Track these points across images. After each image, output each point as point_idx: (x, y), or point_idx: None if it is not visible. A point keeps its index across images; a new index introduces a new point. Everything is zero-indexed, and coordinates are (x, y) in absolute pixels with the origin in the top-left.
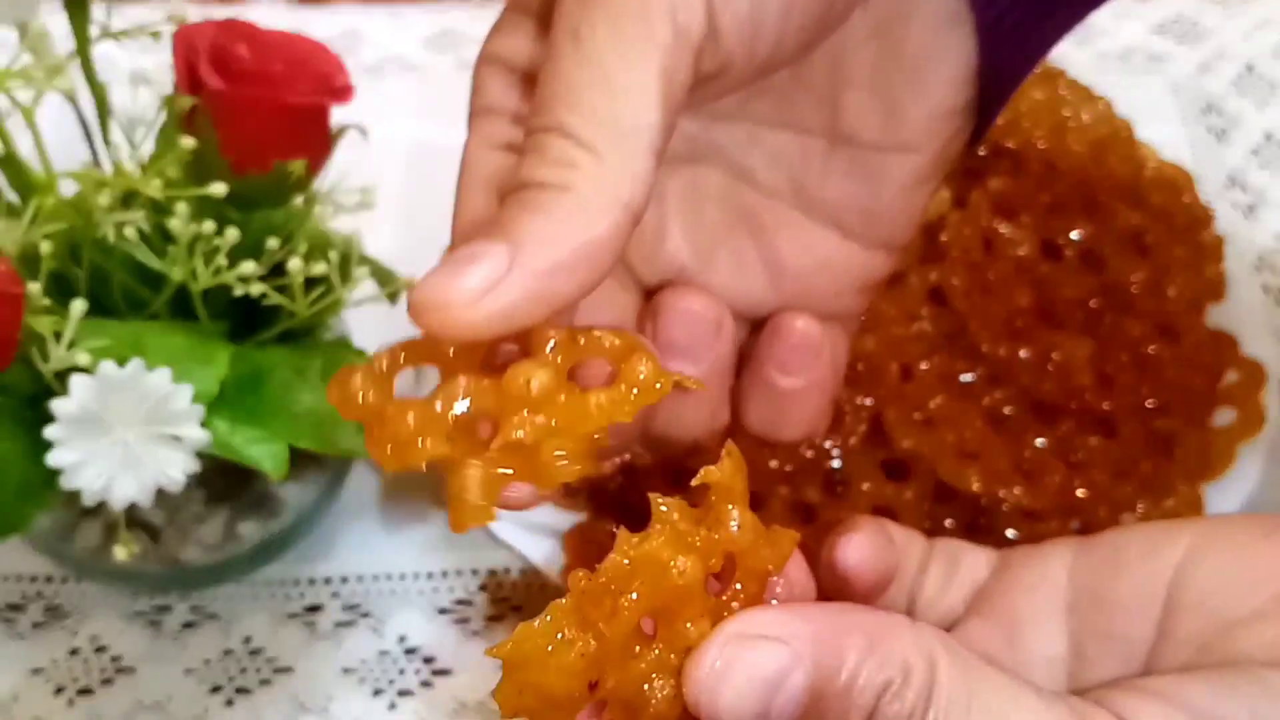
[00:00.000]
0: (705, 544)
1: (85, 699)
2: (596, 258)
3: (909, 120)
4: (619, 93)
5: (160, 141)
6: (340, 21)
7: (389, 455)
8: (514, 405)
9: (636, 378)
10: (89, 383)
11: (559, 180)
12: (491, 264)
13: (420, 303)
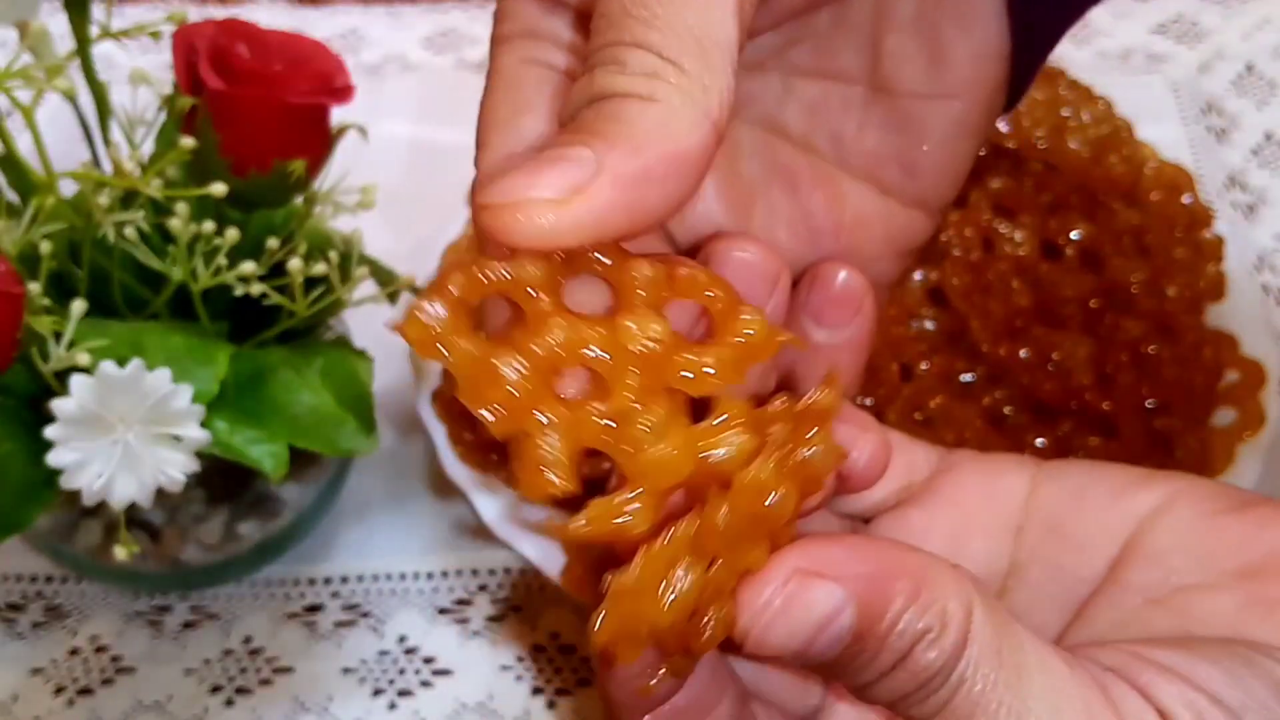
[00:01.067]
0: (795, 471)
1: (85, 699)
2: (686, 172)
3: (953, 63)
4: (696, 7)
5: (160, 141)
6: (340, 21)
7: (499, 420)
8: (626, 361)
9: (743, 333)
10: (89, 383)
11: (644, 91)
12: (579, 166)
13: (495, 201)
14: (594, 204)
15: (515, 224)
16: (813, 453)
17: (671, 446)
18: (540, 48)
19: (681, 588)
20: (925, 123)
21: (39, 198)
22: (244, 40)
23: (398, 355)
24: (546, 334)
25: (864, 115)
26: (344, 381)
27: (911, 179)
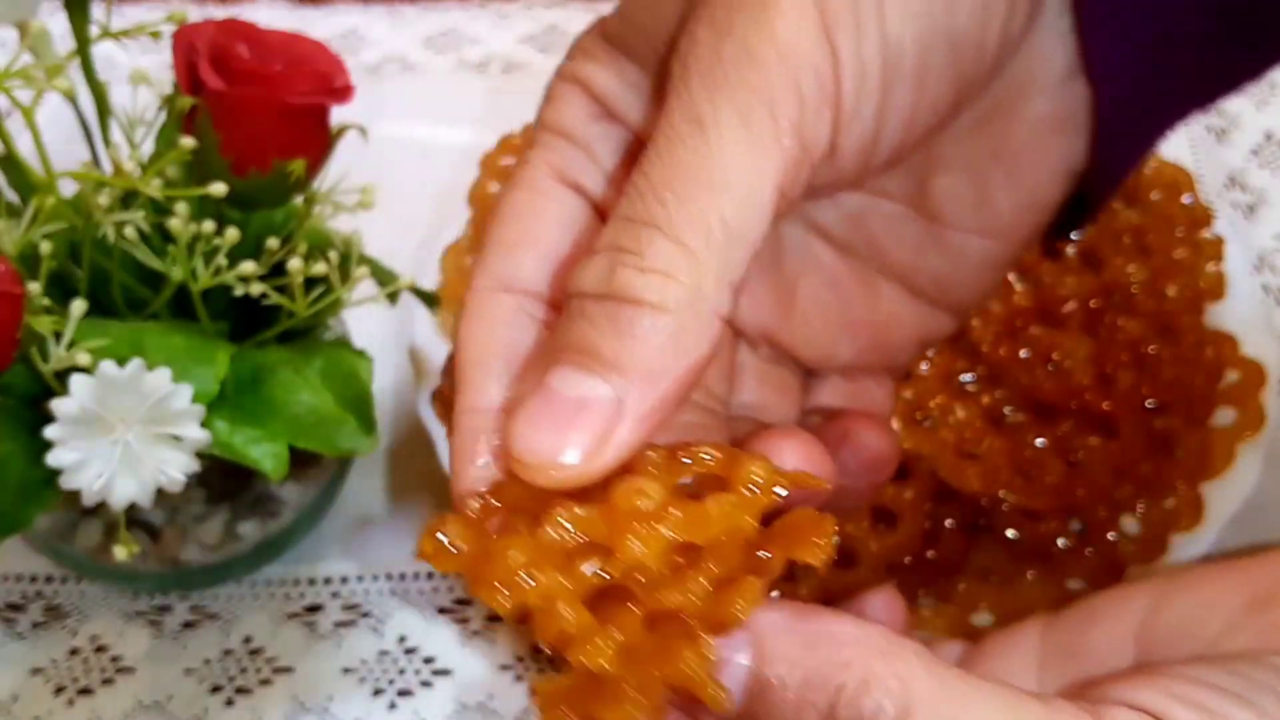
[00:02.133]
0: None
1: (85, 699)
2: (697, 377)
3: (997, 210)
4: (734, 199)
5: (160, 141)
6: (340, 21)
7: (499, 597)
8: (626, 524)
9: (750, 480)
10: (89, 383)
11: (655, 298)
12: (602, 415)
13: (526, 462)
14: (618, 449)
15: (549, 479)
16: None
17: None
18: (567, 152)
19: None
20: (962, 250)
21: (39, 198)
22: (244, 40)
23: (398, 355)
24: (551, 516)
25: (902, 231)
26: (344, 381)
27: (941, 291)
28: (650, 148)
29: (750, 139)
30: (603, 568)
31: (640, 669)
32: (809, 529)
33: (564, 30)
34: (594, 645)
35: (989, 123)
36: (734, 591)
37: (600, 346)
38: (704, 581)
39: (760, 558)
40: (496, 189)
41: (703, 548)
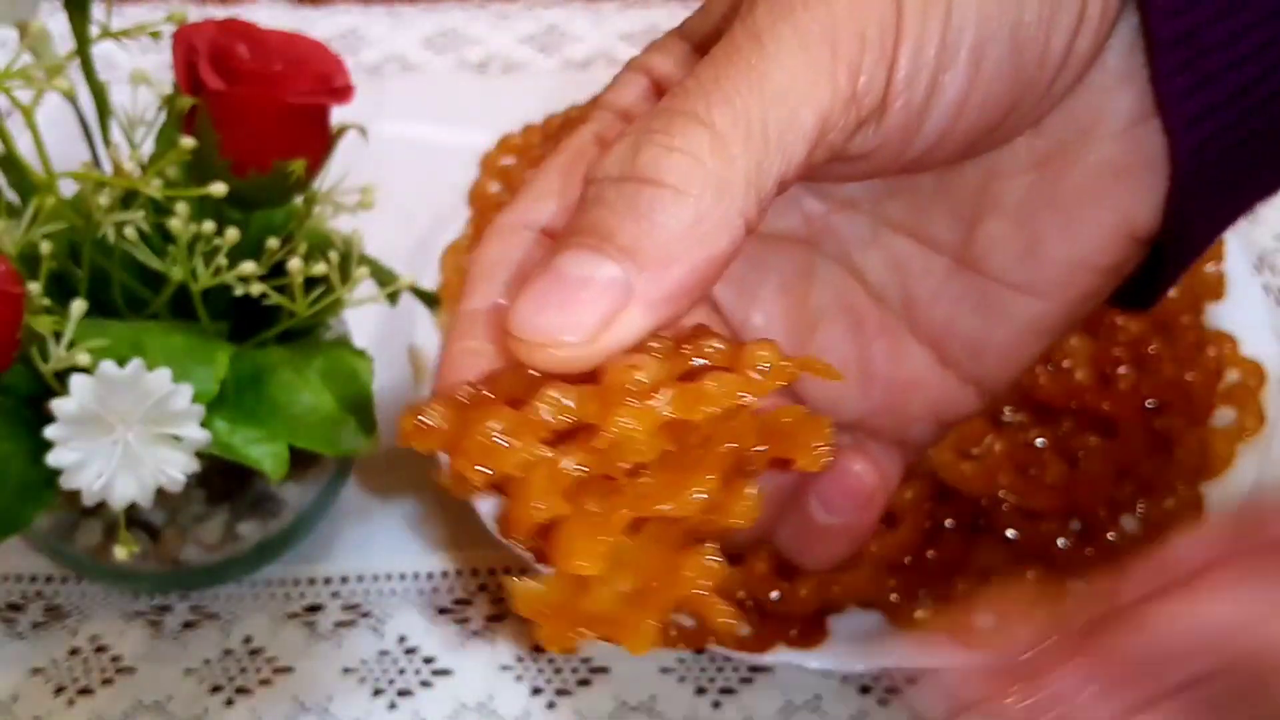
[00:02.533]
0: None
1: (85, 699)
2: (712, 276)
3: (1046, 263)
4: (779, 109)
5: (160, 141)
6: (340, 21)
7: (473, 468)
8: (619, 400)
9: (757, 361)
10: (89, 382)
11: (678, 180)
12: (609, 294)
13: (526, 339)
14: (624, 333)
15: (548, 360)
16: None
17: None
18: (619, 126)
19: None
20: (1003, 311)
21: (39, 198)
22: (244, 40)
23: (398, 355)
24: (541, 392)
25: (943, 285)
26: (344, 381)
27: (974, 360)
28: (702, 61)
29: (806, 63)
30: (585, 459)
31: (638, 575)
32: (806, 430)
33: (564, 30)
34: (579, 548)
35: (1047, 163)
36: (731, 497)
37: (614, 228)
38: (699, 486)
39: (751, 453)
40: (496, 189)
41: (698, 429)
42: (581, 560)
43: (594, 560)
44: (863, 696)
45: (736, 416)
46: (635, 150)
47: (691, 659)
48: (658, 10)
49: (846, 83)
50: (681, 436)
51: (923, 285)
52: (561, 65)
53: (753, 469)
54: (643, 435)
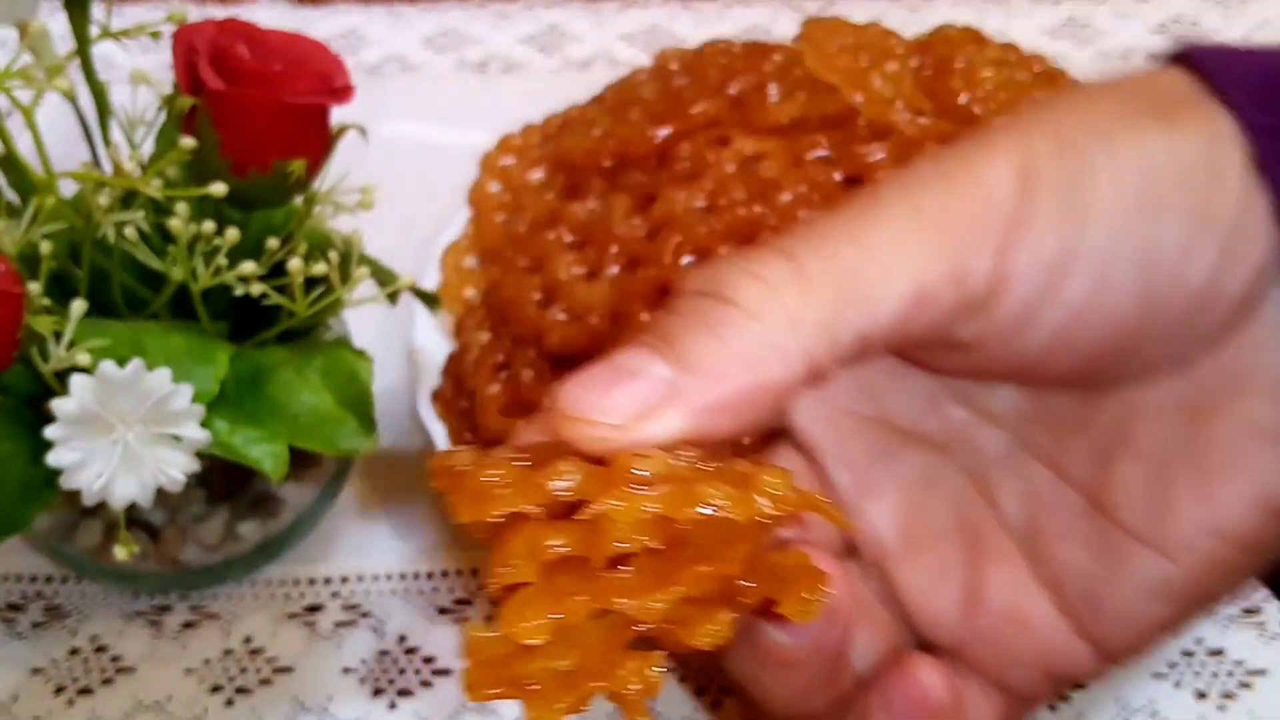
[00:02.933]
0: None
1: (85, 699)
2: (763, 404)
3: (1177, 522)
4: (872, 264)
5: (160, 141)
6: (340, 21)
7: (464, 507)
8: (616, 485)
9: (764, 487)
10: (89, 382)
11: (750, 303)
12: (651, 387)
13: (566, 411)
14: (659, 429)
15: (579, 435)
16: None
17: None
18: None
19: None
20: (1128, 565)
21: (39, 198)
22: (244, 40)
23: (398, 355)
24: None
25: (1072, 524)
26: (344, 381)
27: (1092, 613)
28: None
29: (913, 230)
30: (570, 539)
31: (579, 657)
32: (802, 578)
33: (564, 30)
34: (529, 615)
35: (1191, 411)
36: (703, 618)
37: (677, 334)
38: (663, 596)
39: (739, 586)
40: (496, 189)
41: (693, 541)
42: (526, 626)
43: (537, 632)
44: None
45: (733, 541)
46: (721, 270)
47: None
48: (657, 10)
49: (952, 260)
50: (674, 543)
51: (1052, 519)
52: (561, 65)
53: (740, 601)
54: (625, 520)
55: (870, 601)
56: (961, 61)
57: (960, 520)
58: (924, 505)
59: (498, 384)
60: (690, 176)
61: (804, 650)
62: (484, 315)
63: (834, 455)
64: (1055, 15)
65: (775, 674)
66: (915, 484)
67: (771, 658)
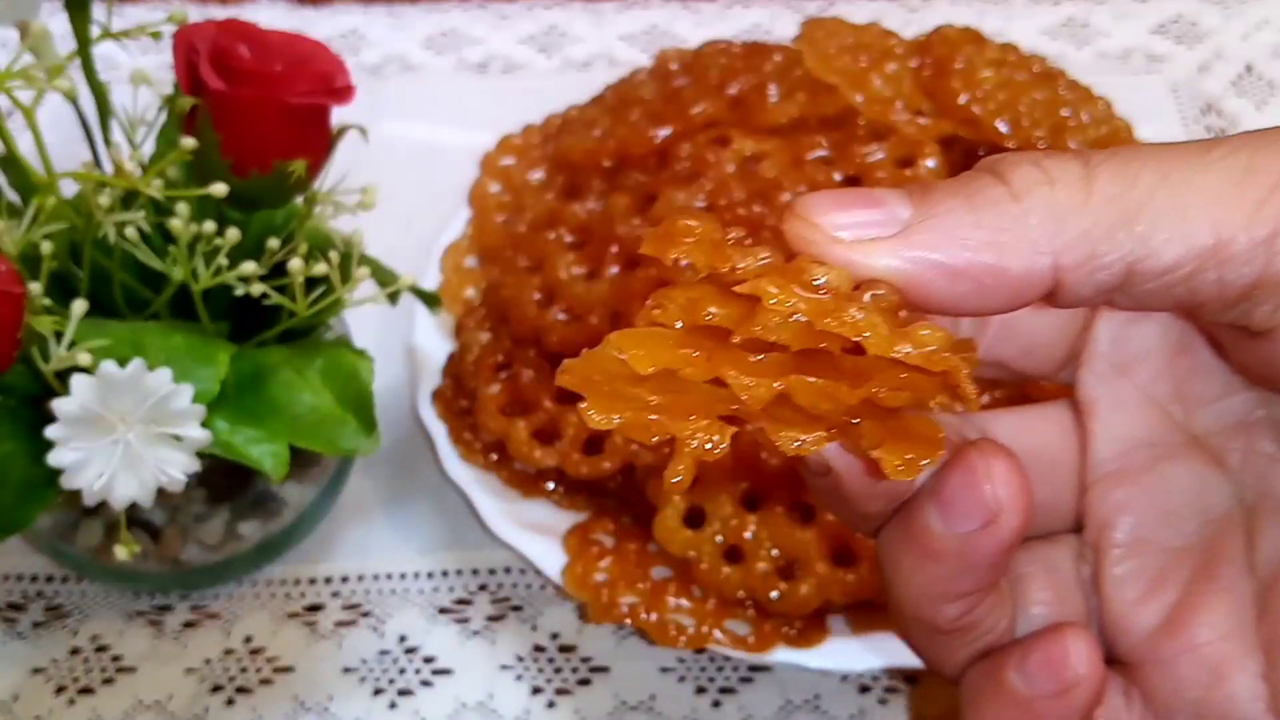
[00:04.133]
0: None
1: (86, 698)
2: (988, 288)
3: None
4: (1170, 192)
5: (161, 142)
6: (340, 22)
7: (656, 237)
8: (788, 280)
9: (914, 334)
10: (90, 382)
11: (1020, 185)
12: (886, 220)
13: (797, 210)
14: (870, 261)
15: (798, 234)
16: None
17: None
18: None
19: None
20: None
21: (40, 198)
22: (244, 40)
23: (398, 355)
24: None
25: None
26: (344, 381)
27: None
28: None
29: (1236, 182)
30: (725, 314)
31: (669, 401)
32: (920, 443)
33: (564, 30)
34: (646, 346)
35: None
36: (798, 426)
37: (935, 189)
38: (779, 384)
39: (847, 417)
40: (496, 189)
41: (824, 356)
42: (636, 353)
43: (641, 361)
44: (862, 696)
45: (865, 372)
46: (1010, 154)
47: (691, 658)
48: (657, 10)
49: (1267, 222)
50: (813, 355)
51: None
52: (561, 65)
53: (846, 431)
54: (777, 310)
55: (1069, 581)
56: (961, 62)
57: (1204, 541)
58: (1174, 510)
59: (498, 384)
60: (690, 176)
61: (952, 543)
62: (484, 315)
63: (1105, 427)
64: (1054, 15)
65: (916, 562)
66: (1176, 487)
67: (917, 542)
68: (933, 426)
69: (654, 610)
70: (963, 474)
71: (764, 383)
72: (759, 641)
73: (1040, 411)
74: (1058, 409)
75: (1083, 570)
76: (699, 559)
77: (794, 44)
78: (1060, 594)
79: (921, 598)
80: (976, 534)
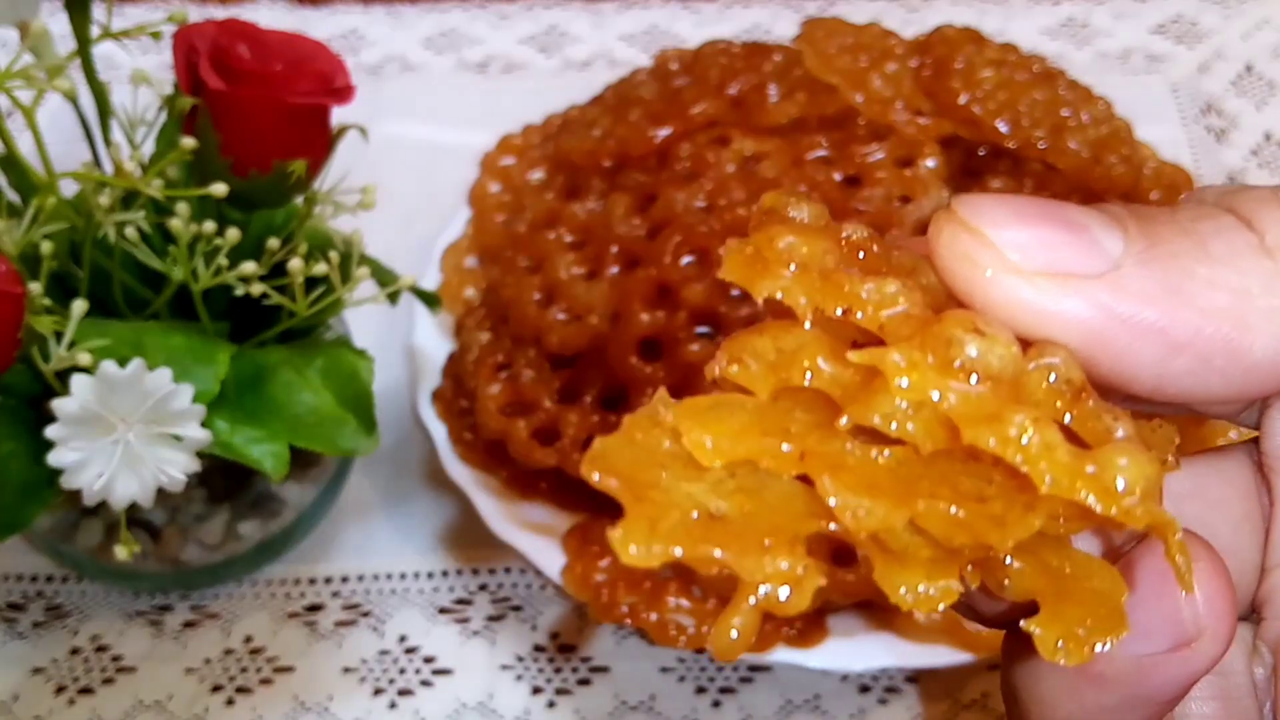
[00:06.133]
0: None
1: (86, 698)
2: (1215, 373)
3: None
4: None
5: (161, 142)
6: (340, 21)
7: (737, 258)
8: (931, 346)
9: (1114, 469)
10: (90, 382)
11: (1272, 244)
12: (1086, 251)
13: (958, 211)
14: (1051, 304)
15: (950, 245)
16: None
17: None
18: None
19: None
20: None
21: (40, 198)
22: (244, 40)
23: (398, 355)
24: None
25: None
26: (344, 381)
27: None
28: None
29: None
30: (839, 372)
31: (738, 509)
32: (1096, 606)
33: (564, 30)
34: (715, 424)
35: None
36: (922, 568)
37: (1156, 220)
38: (901, 508)
39: (998, 559)
40: (496, 189)
41: (967, 461)
42: (699, 436)
43: (710, 452)
44: (862, 696)
45: (1025, 503)
46: (1248, 188)
47: (691, 658)
48: (657, 10)
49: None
50: (951, 458)
51: None
52: (561, 65)
53: (991, 577)
54: (910, 393)
55: (1241, 688)
56: (961, 62)
57: None
58: None
59: (498, 384)
60: (690, 176)
61: (1125, 667)
62: (484, 315)
63: None
64: (1054, 15)
65: (1068, 685)
66: None
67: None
68: (1114, 580)
69: (654, 610)
70: (1151, 578)
71: (879, 508)
72: (759, 641)
73: (1214, 465)
74: (1236, 463)
75: (1257, 672)
76: None
77: (794, 44)
78: (1228, 704)
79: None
80: (1160, 659)
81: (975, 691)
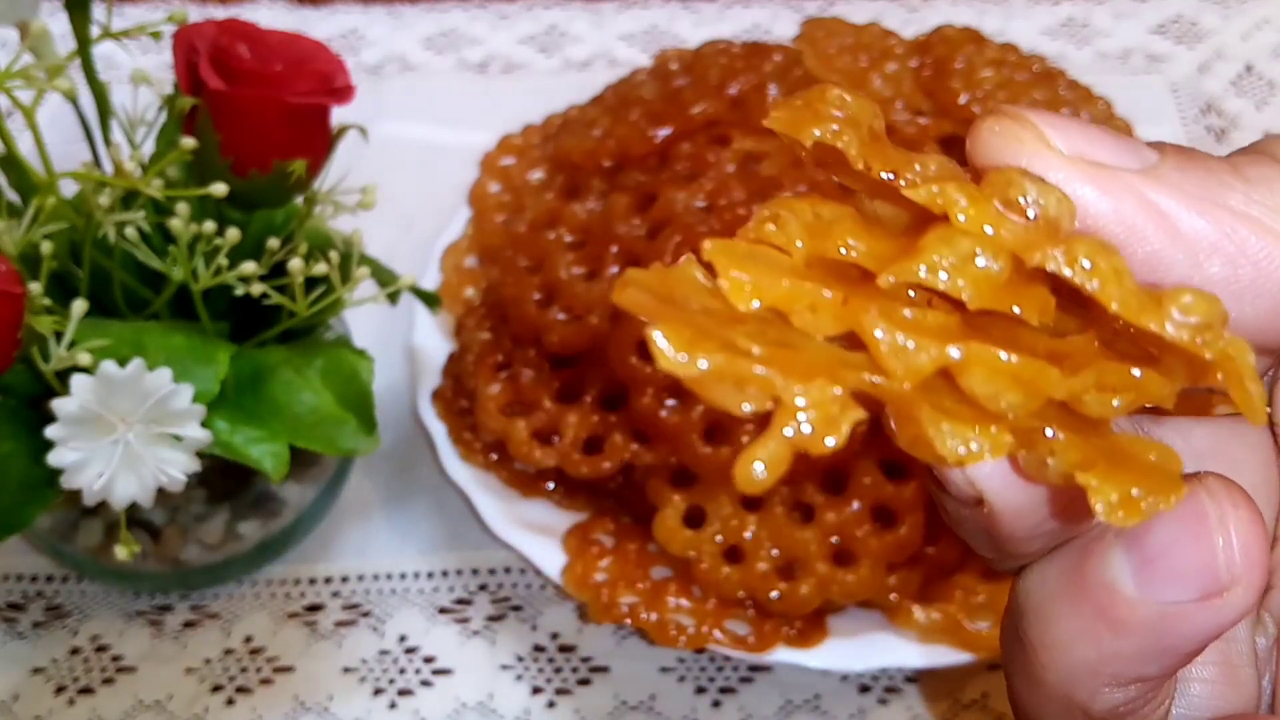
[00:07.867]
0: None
1: (86, 698)
2: (1245, 284)
3: None
4: None
5: (161, 142)
6: (340, 21)
7: (788, 108)
8: (983, 200)
9: (1178, 301)
10: (90, 382)
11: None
12: (1129, 151)
13: (1009, 107)
14: (1103, 193)
15: (1002, 135)
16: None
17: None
18: None
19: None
20: None
21: (40, 198)
22: (244, 40)
23: (398, 355)
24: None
25: None
26: (344, 381)
27: None
28: None
29: None
30: (866, 243)
31: (776, 350)
32: (1150, 477)
33: (564, 30)
34: (753, 270)
35: None
36: (968, 420)
37: (1195, 151)
38: (948, 350)
39: (1040, 425)
40: (496, 189)
41: (1020, 325)
42: (739, 278)
43: (746, 291)
44: (862, 696)
45: (1086, 354)
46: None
47: (691, 658)
48: (657, 10)
49: None
50: (1001, 320)
51: None
52: (561, 65)
53: (1036, 441)
54: (970, 234)
55: (1242, 654)
56: (961, 62)
57: None
58: None
59: (498, 384)
60: (690, 176)
61: (1147, 613)
62: (484, 315)
63: None
64: (1054, 15)
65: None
66: None
67: (1091, 602)
68: (1168, 454)
69: (654, 610)
70: (1185, 522)
71: (930, 345)
72: (759, 641)
73: (1235, 429)
74: (1258, 430)
75: (1259, 641)
76: (699, 559)
77: (794, 44)
78: (1228, 670)
79: (1079, 674)
80: (1187, 607)
81: (975, 691)
